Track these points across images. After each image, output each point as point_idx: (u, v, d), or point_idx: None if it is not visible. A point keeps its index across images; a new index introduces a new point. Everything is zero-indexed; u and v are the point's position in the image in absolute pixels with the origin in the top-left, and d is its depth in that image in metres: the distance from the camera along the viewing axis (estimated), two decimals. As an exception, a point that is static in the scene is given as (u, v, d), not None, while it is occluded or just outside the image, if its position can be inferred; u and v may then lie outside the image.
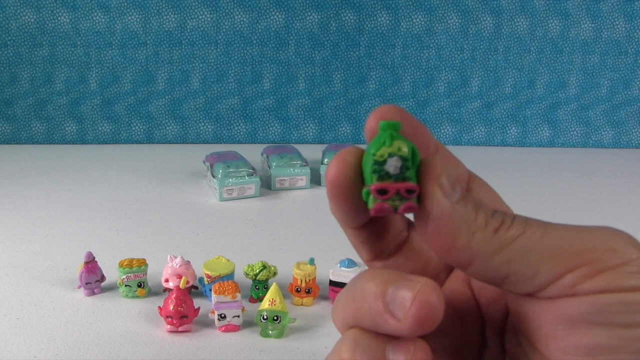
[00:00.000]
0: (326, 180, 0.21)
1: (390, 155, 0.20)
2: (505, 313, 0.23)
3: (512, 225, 0.20)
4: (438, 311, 0.19)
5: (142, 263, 0.71)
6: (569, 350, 0.19)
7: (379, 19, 1.37)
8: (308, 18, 1.36)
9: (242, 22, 1.35)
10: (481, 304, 0.25)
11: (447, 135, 1.45)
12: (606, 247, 0.19)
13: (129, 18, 1.32)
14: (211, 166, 1.06)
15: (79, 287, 0.72)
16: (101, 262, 0.73)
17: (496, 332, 0.24)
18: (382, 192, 0.20)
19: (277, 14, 1.35)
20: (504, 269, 0.20)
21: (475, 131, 1.45)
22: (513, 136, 1.46)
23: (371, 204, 0.21)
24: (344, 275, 0.69)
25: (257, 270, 0.70)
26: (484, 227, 0.20)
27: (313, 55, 1.38)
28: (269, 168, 1.10)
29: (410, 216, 0.23)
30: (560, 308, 0.19)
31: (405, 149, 0.20)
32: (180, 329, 0.64)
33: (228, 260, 0.72)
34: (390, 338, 0.20)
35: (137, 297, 0.71)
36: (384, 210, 0.20)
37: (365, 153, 0.21)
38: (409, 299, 0.19)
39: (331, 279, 0.70)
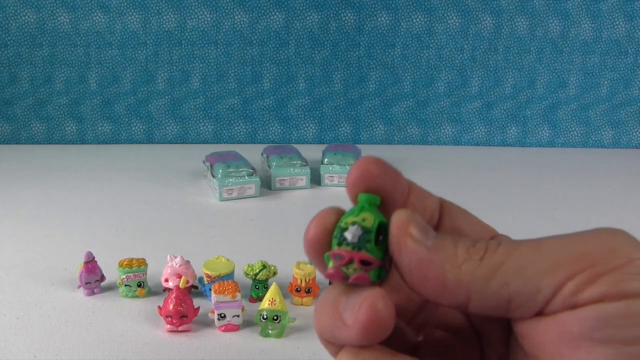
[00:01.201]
0: (304, 238, 0.22)
1: (353, 224, 0.21)
2: (503, 331, 0.23)
3: (498, 248, 0.20)
4: (384, 316, 0.19)
5: (142, 263, 0.71)
6: None
7: (379, 19, 1.37)
8: (308, 18, 1.36)
9: (242, 22, 1.35)
10: (475, 324, 0.24)
11: (447, 135, 1.45)
12: (605, 248, 0.19)
13: (129, 18, 1.32)
14: (211, 166, 1.06)
15: (79, 286, 0.72)
16: (101, 262, 0.73)
17: (496, 351, 0.23)
18: (337, 257, 0.21)
19: (277, 14, 1.35)
20: (503, 293, 0.19)
21: (475, 131, 1.45)
22: (513, 136, 1.46)
23: (329, 268, 0.21)
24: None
25: (257, 270, 0.70)
26: (468, 258, 0.20)
27: (313, 55, 1.38)
28: (269, 168, 1.10)
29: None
30: (563, 325, 0.19)
31: (369, 222, 0.21)
32: (180, 328, 0.64)
33: (228, 260, 0.72)
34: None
35: (137, 296, 0.71)
36: (336, 275, 0.21)
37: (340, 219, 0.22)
38: (357, 305, 0.20)
39: (331, 278, 0.70)
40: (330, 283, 0.70)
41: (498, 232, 0.24)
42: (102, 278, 0.72)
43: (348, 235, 0.21)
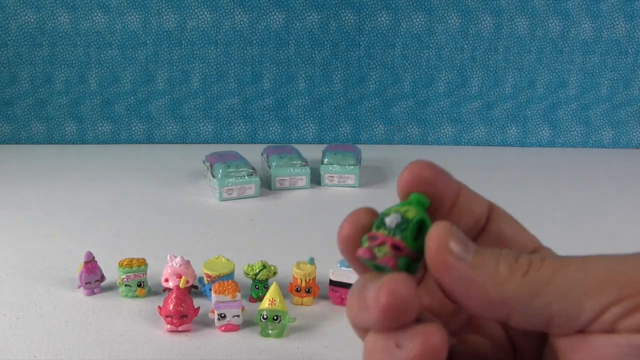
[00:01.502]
0: (338, 236, 0.23)
1: (395, 212, 0.22)
2: (538, 344, 0.23)
3: (542, 265, 0.19)
4: (404, 300, 0.19)
5: (142, 263, 0.71)
6: None
7: (379, 19, 1.37)
8: (308, 18, 1.36)
9: (242, 22, 1.35)
10: (510, 334, 0.24)
11: (447, 135, 1.45)
12: None
13: (129, 18, 1.32)
14: (211, 166, 1.06)
15: (79, 286, 0.72)
16: (101, 262, 0.73)
17: None
18: (372, 238, 0.22)
19: (277, 14, 1.35)
20: (545, 312, 0.19)
21: (475, 131, 1.45)
22: (513, 136, 1.46)
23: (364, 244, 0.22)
24: (344, 274, 0.69)
25: (257, 270, 0.70)
26: (510, 275, 0.19)
27: (313, 55, 1.38)
28: (269, 168, 1.10)
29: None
30: (599, 347, 0.18)
31: (411, 214, 0.21)
32: (180, 328, 0.64)
33: (228, 260, 0.72)
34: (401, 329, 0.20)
35: (137, 296, 0.71)
36: (365, 253, 0.21)
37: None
38: (378, 288, 0.20)
39: (331, 278, 0.70)
40: (330, 282, 0.70)
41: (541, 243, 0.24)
42: (102, 278, 0.72)
43: (387, 220, 0.21)
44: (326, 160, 1.13)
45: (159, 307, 0.65)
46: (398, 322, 0.20)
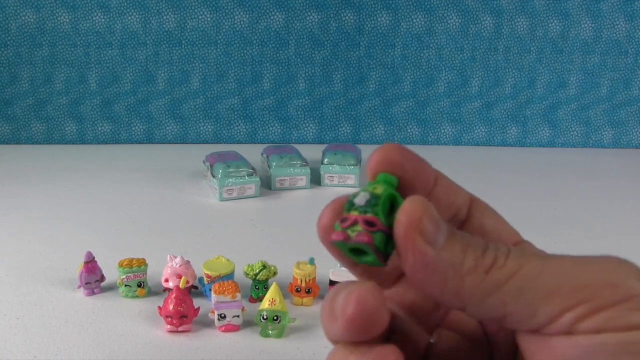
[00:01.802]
0: (317, 225, 0.22)
1: (364, 191, 0.21)
2: (514, 342, 0.23)
3: (506, 262, 0.19)
4: (372, 311, 0.19)
5: (142, 263, 0.71)
6: None
7: (379, 19, 1.37)
8: (308, 18, 1.36)
9: (242, 22, 1.35)
10: (488, 331, 0.24)
11: (447, 135, 1.45)
12: (606, 282, 0.18)
13: (129, 18, 1.32)
14: (211, 166, 1.06)
15: (79, 287, 0.72)
16: (101, 262, 0.73)
17: None
18: (343, 220, 0.21)
19: (277, 14, 1.35)
20: (499, 310, 0.19)
21: (475, 131, 1.45)
22: (513, 136, 1.46)
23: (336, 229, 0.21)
24: (344, 275, 0.69)
25: (257, 270, 0.70)
26: (473, 269, 0.19)
27: (313, 55, 1.38)
28: (269, 168, 1.10)
29: None
30: (557, 347, 0.19)
31: (379, 190, 0.21)
32: (180, 328, 0.64)
33: (228, 260, 0.72)
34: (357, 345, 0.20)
35: (137, 297, 0.71)
36: (337, 236, 0.21)
37: None
38: (344, 298, 0.19)
39: (331, 278, 0.70)
40: (330, 282, 0.70)
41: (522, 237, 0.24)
42: (102, 278, 0.72)
43: (356, 200, 0.21)
44: (326, 160, 1.13)
45: (159, 307, 0.65)
46: (366, 334, 0.19)
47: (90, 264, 0.71)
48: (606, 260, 0.19)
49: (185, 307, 0.63)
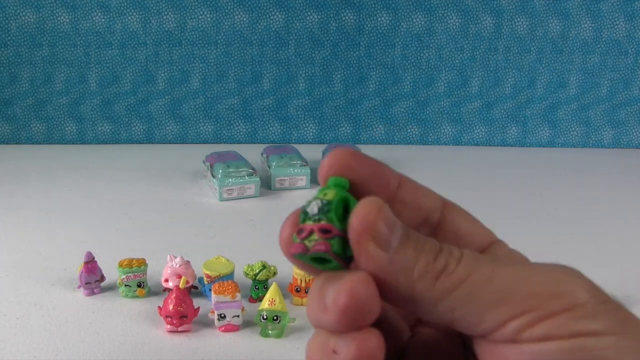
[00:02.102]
0: (280, 240, 0.22)
1: (314, 199, 0.21)
2: None
3: (456, 268, 0.19)
4: (364, 301, 0.19)
5: (142, 263, 0.71)
6: None
7: (379, 19, 1.37)
8: (308, 18, 1.35)
9: (242, 22, 1.35)
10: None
11: (447, 135, 1.45)
12: (551, 292, 0.19)
13: (129, 18, 1.32)
14: (211, 166, 1.06)
15: (79, 287, 0.72)
16: (101, 262, 0.73)
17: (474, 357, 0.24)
18: (300, 231, 0.21)
19: (277, 14, 1.35)
20: (447, 316, 0.20)
21: (475, 131, 1.45)
22: (513, 136, 1.46)
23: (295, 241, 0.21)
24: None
25: (257, 270, 0.70)
26: (424, 275, 0.19)
27: (313, 55, 1.38)
28: (269, 168, 1.10)
29: None
30: (504, 354, 0.19)
31: (330, 195, 0.21)
32: (179, 328, 0.64)
33: (228, 260, 0.72)
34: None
35: (137, 297, 0.71)
36: (295, 249, 0.21)
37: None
38: (337, 289, 0.19)
39: (331, 278, 0.70)
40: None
41: (497, 233, 0.24)
42: (102, 278, 0.72)
43: (309, 209, 0.21)
44: (326, 160, 1.13)
45: (159, 307, 0.65)
46: (357, 324, 0.19)
47: (90, 264, 0.71)
48: (555, 269, 0.20)
49: (185, 307, 0.63)
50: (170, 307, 0.63)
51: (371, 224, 0.19)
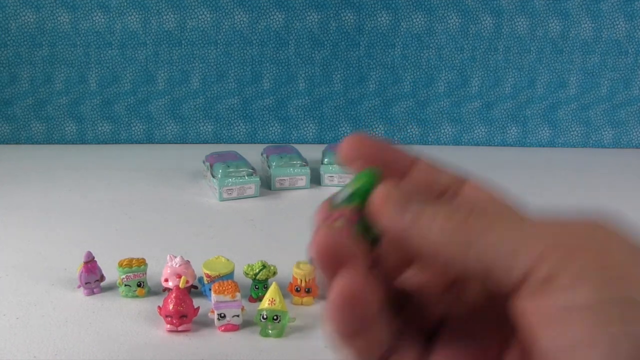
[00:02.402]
0: (313, 246, 0.23)
1: (345, 187, 0.23)
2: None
3: (479, 219, 0.20)
4: (354, 298, 0.20)
5: (142, 263, 0.71)
6: (551, 350, 0.18)
7: (379, 19, 1.37)
8: (308, 18, 1.35)
9: (242, 22, 1.35)
10: (501, 307, 0.24)
11: (447, 135, 1.45)
12: (586, 237, 0.19)
13: (129, 18, 1.32)
14: (211, 166, 1.06)
15: (79, 286, 0.72)
16: (101, 262, 0.73)
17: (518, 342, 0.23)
18: (326, 218, 0.23)
19: (277, 14, 1.35)
20: (480, 265, 0.19)
21: (475, 131, 1.45)
22: (513, 136, 1.46)
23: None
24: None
25: (257, 270, 0.70)
26: (448, 220, 0.20)
27: (313, 55, 1.38)
28: (269, 168, 1.10)
29: None
30: (537, 307, 0.19)
31: (356, 184, 0.23)
32: (179, 328, 0.64)
33: (228, 260, 0.72)
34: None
35: (137, 296, 0.71)
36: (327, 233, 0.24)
37: None
38: (330, 290, 0.20)
39: (331, 278, 0.70)
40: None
41: None
42: (102, 278, 0.72)
43: (338, 197, 0.23)
44: (326, 160, 1.13)
45: (159, 307, 0.65)
46: (354, 320, 0.20)
47: (90, 264, 0.71)
48: (587, 220, 0.20)
49: (185, 307, 0.63)
50: (170, 306, 0.63)
51: (390, 194, 0.21)
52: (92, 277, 0.71)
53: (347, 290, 0.20)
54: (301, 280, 0.70)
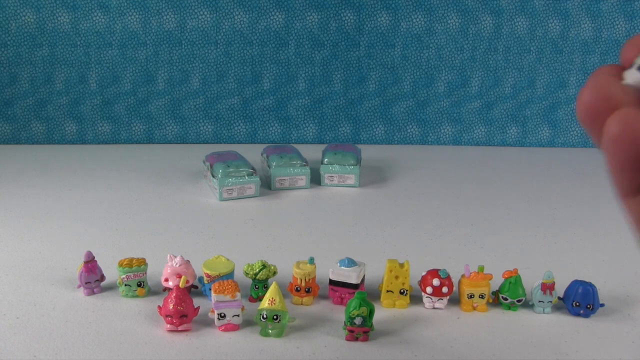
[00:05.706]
0: (578, 103, 0.21)
1: (358, 315, 0.59)
2: None
3: None
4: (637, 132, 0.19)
5: (142, 262, 0.71)
6: None
7: (379, 19, 1.37)
8: (308, 18, 1.36)
9: (242, 22, 1.35)
10: None
11: (447, 135, 1.45)
12: None
13: (129, 18, 1.32)
14: (211, 166, 1.06)
15: (79, 286, 0.72)
16: (101, 262, 0.73)
17: None
18: (351, 331, 0.59)
19: (277, 14, 1.35)
20: None
21: (475, 131, 1.45)
22: (513, 136, 1.46)
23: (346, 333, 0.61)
24: (344, 274, 0.69)
25: (257, 270, 0.70)
26: None
27: (313, 55, 1.38)
28: (269, 168, 1.10)
29: None
30: None
31: (365, 312, 0.59)
32: (179, 328, 0.64)
33: (228, 260, 0.72)
34: None
35: (137, 296, 0.71)
36: (349, 339, 0.62)
37: (347, 307, 0.63)
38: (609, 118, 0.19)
39: (331, 278, 0.70)
40: (330, 282, 0.70)
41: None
42: (102, 278, 0.72)
43: (356, 321, 0.60)
44: (326, 160, 1.13)
45: (159, 306, 0.65)
46: (634, 158, 0.19)
47: (90, 264, 0.71)
48: None
49: (185, 307, 0.63)
50: (170, 306, 0.63)
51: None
52: (92, 276, 0.71)
53: (627, 118, 0.19)
54: (301, 280, 0.70)
